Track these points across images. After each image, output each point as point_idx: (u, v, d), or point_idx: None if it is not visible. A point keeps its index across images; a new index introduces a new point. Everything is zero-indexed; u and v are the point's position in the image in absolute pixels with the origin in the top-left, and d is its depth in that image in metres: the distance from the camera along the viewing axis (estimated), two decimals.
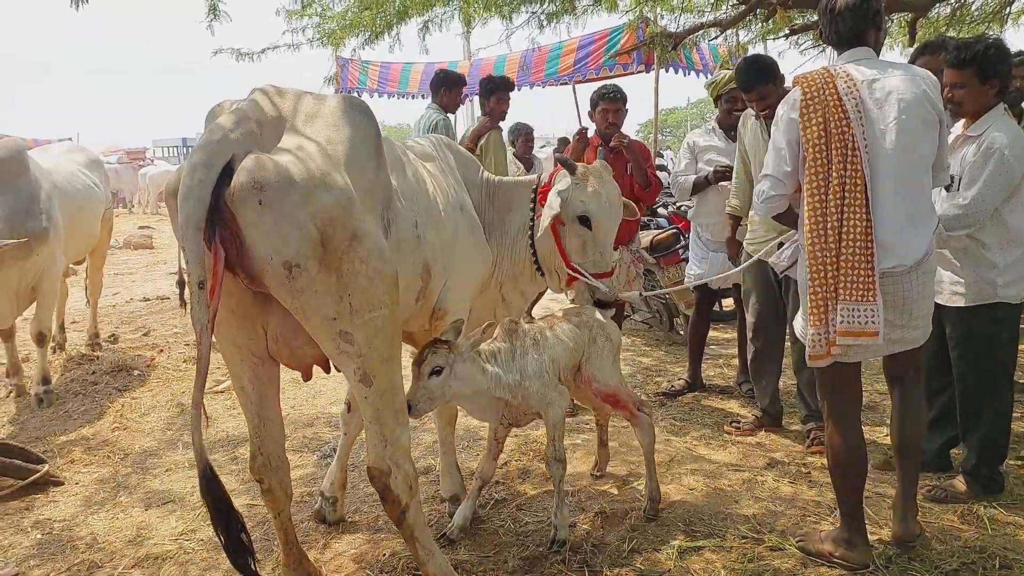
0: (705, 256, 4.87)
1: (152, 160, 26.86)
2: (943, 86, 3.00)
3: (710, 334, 5.37)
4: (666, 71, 9.33)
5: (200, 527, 3.18)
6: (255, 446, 2.44)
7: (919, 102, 2.54)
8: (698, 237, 5.01)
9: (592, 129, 4.79)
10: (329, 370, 2.52)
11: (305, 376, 2.59)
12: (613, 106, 4.63)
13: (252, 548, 2.14)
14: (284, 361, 2.42)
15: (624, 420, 3.35)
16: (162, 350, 6.11)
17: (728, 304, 6.54)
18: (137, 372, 5.43)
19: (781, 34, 7.67)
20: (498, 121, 5.52)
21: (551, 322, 3.07)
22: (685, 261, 5.55)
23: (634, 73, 9.95)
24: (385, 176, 2.39)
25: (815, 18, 7.01)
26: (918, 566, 2.72)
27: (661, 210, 7.01)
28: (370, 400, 2.25)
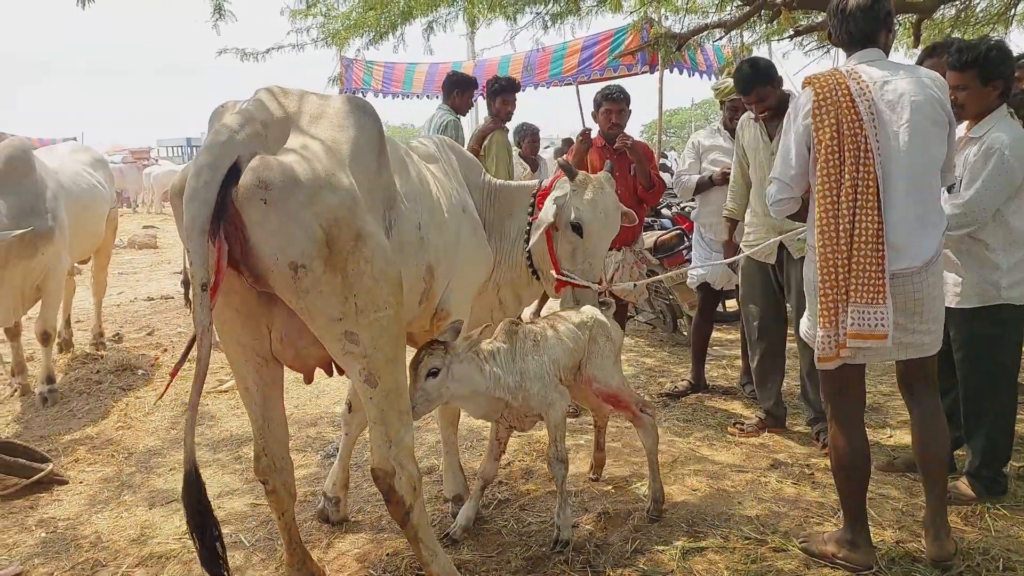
0: (708, 256, 4.86)
1: (156, 160, 26.89)
2: None
3: (713, 335, 5.37)
4: (670, 72, 9.36)
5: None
6: (259, 447, 2.44)
7: (930, 104, 2.53)
8: (701, 237, 5.01)
9: (595, 130, 4.79)
10: (332, 373, 2.52)
11: (307, 379, 2.60)
12: (616, 106, 4.63)
13: (226, 558, 2.11)
14: (288, 362, 2.42)
15: (627, 421, 3.35)
16: (166, 349, 6.13)
17: (732, 305, 6.53)
18: (141, 371, 5.45)
19: (785, 35, 7.67)
20: (503, 122, 5.51)
21: (551, 322, 3.06)
22: (689, 262, 5.55)
23: (638, 74, 9.97)
24: (388, 177, 2.39)
25: (819, 19, 7.05)
26: (921, 568, 2.71)
27: (665, 211, 7.00)
28: (375, 401, 2.26)
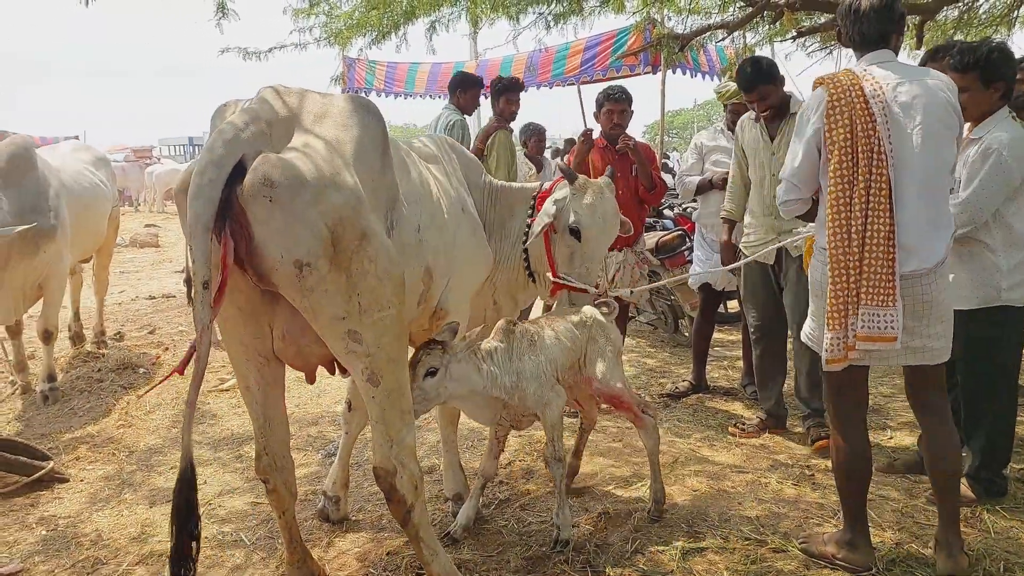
0: (709, 257, 4.86)
1: (159, 159, 26.95)
2: None
3: (715, 336, 5.37)
4: (673, 73, 9.35)
5: (204, 525, 3.17)
6: (260, 446, 2.45)
7: (942, 107, 2.52)
8: (702, 238, 5.01)
9: (597, 131, 4.79)
10: (334, 371, 2.52)
11: (309, 379, 2.60)
12: (618, 107, 4.63)
13: (196, 558, 2.07)
14: (290, 361, 2.42)
15: (628, 422, 3.35)
16: (167, 348, 6.14)
17: (733, 306, 6.53)
18: (142, 370, 5.45)
19: (788, 36, 7.67)
20: (507, 122, 5.50)
21: (548, 322, 3.06)
22: (691, 263, 5.55)
23: (641, 74, 9.96)
24: (391, 177, 2.39)
25: (822, 20, 7.05)
26: (921, 569, 2.71)
27: (667, 211, 7.00)
28: (377, 400, 2.26)
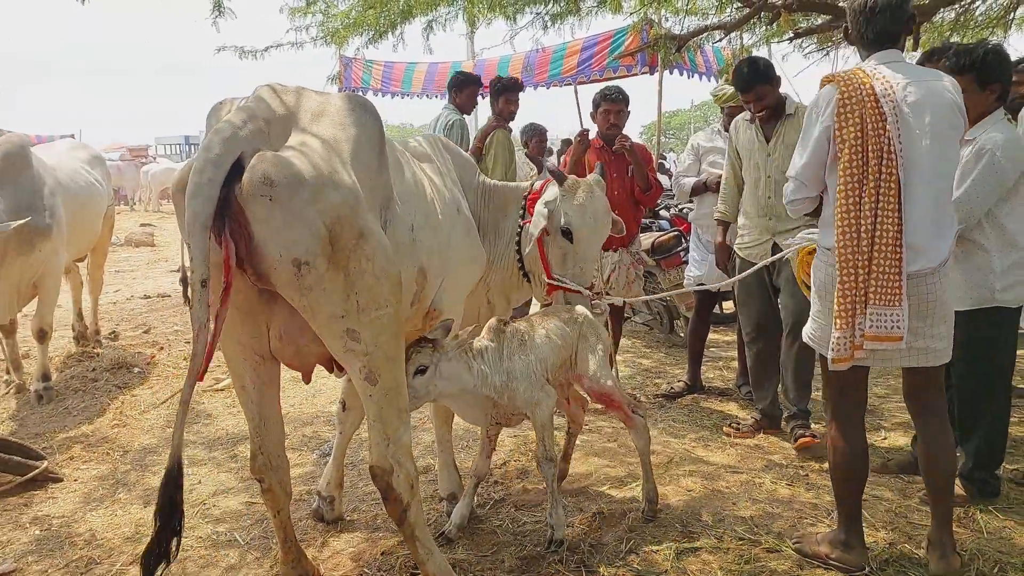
0: (705, 258, 4.87)
1: (155, 158, 26.88)
2: None
3: (710, 336, 5.38)
4: (670, 73, 9.35)
5: (198, 524, 3.19)
6: (255, 445, 2.44)
7: (950, 108, 2.53)
8: (698, 239, 5.02)
9: (594, 131, 4.79)
10: (332, 369, 2.52)
11: (306, 378, 2.60)
12: (615, 107, 4.63)
13: (172, 555, 2.05)
14: (287, 360, 2.42)
15: (620, 422, 3.35)
16: (162, 348, 6.13)
17: (728, 307, 6.55)
18: (137, 369, 5.44)
19: (785, 37, 7.66)
20: (506, 121, 5.50)
21: (540, 320, 3.05)
22: (686, 263, 5.57)
23: (638, 75, 9.97)
24: (387, 176, 2.40)
25: (819, 22, 7.05)
26: (914, 569, 2.72)
27: (663, 212, 7.01)
28: (374, 399, 2.26)
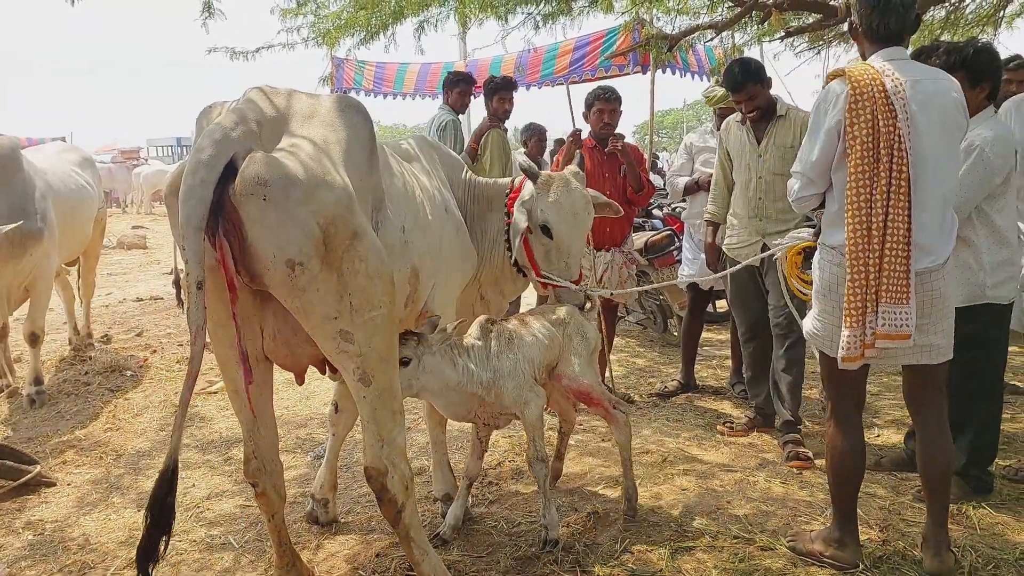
0: (697, 257, 4.88)
1: (146, 159, 26.79)
2: None
3: (703, 335, 5.39)
4: (662, 72, 9.35)
5: (192, 528, 3.18)
6: (249, 449, 2.43)
7: (956, 107, 2.53)
8: (691, 237, 5.03)
9: (586, 131, 4.80)
10: (325, 371, 2.52)
11: (299, 380, 2.60)
12: (609, 106, 4.63)
13: (161, 554, 2.05)
14: (280, 361, 2.41)
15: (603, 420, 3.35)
16: (155, 351, 6.11)
17: (722, 305, 6.56)
18: (130, 373, 5.42)
19: (776, 36, 7.69)
20: (500, 121, 5.50)
21: (529, 319, 3.04)
22: (679, 263, 5.58)
23: (630, 74, 9.98)
24: (377, 177, 2.40)
25: (810, 21, 7.07)
26: (907, 566, 2.73)
27: (656, 211, 7.02)
28: (368, 400, 2.26)
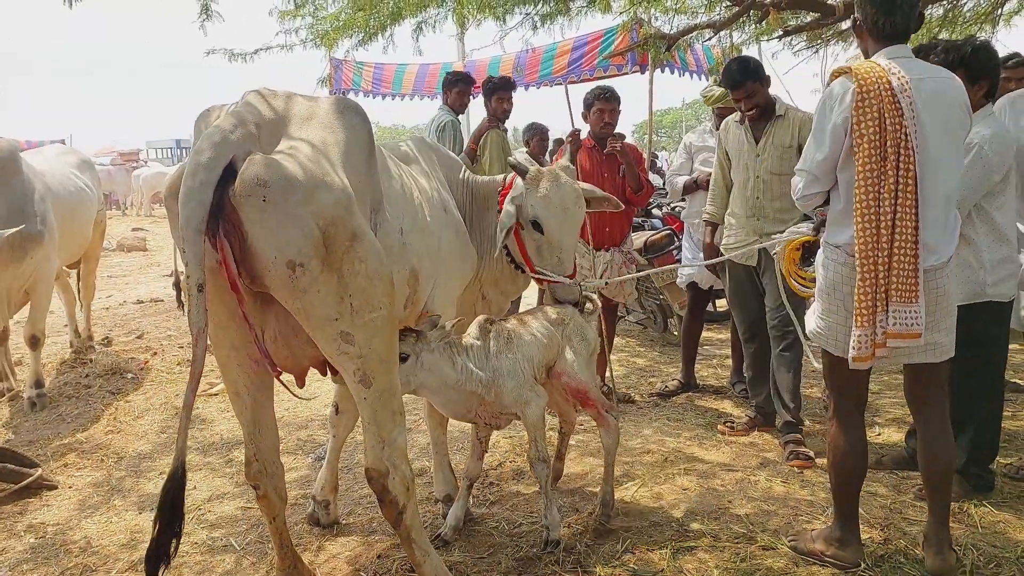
0: (697, 256, 4.87)
1: (146, 162, 26.77)
2: None
3: (704, 334, 5.39)
4: (661, 72, 9.35)
5: (194, 530, 3.18)
6: (250, 452, 2.43)
7: (960, 106, 2.53)
8: (690, 236, 5.03)
9: (585, 131, 4.80)
10: (326, 372, 2.52)
11: (299, 382, 2.59)
12: (608, 106, 4.63)
13: (171, 556, 2.05)
14: (281, 363, 2.41)
15: (621, 422, 3.35)
16: (156, 353, 6.11)
17: (722, 304, 6.56)
18: (131, 375, 5.42)
19: (775, 35, 7.69)
20: (500, 121, 5.49)
21: (528, 319, 3.04)
22: (679, 262, 5.58)
23: (628, 74, 9.97)
24: (376, 179, 2.40)
25: (808, 19, 7.07)
26: (909, 564, 2.73)
27: (655, 211, 7.03)
28: (368, 401, 2.26)
